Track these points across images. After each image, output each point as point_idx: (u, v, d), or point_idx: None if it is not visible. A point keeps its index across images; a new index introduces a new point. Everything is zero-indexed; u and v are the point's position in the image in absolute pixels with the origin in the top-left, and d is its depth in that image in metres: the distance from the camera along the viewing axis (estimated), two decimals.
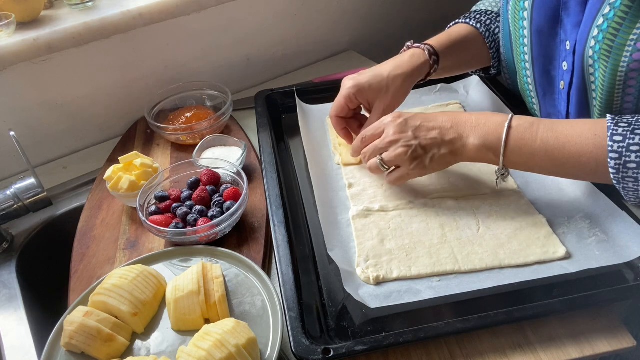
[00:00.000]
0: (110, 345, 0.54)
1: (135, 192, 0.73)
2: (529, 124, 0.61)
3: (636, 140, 0.54)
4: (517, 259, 0.61)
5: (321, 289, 0.61)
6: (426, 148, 0.64)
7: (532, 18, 0.70)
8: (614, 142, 0.55)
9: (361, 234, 0.65)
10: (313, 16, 1.14)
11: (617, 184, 0.57)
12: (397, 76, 0.73)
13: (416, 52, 0.75)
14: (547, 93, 0.75)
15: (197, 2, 0.93)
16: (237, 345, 0.50)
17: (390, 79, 0.73)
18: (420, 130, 0.65)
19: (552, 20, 0.68)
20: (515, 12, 0.73)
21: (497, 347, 0.55)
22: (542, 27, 0.70)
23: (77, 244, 0.73)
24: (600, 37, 0.58)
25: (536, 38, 0.71)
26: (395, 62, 0.75)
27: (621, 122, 0.56)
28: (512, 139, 0.61)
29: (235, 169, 0.75)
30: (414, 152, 0.64)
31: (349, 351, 0.52)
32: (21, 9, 0.82)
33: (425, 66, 0.75)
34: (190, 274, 0.59)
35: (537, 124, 0.61)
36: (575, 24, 0.64)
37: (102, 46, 0.89)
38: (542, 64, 0.73)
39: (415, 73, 0.74)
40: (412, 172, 0.66)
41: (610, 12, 0.57)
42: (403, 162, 0.65)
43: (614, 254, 0.60)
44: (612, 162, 0.55)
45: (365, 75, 0.74)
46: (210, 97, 0.99)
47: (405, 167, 0.66)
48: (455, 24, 0.84)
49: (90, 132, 0.97)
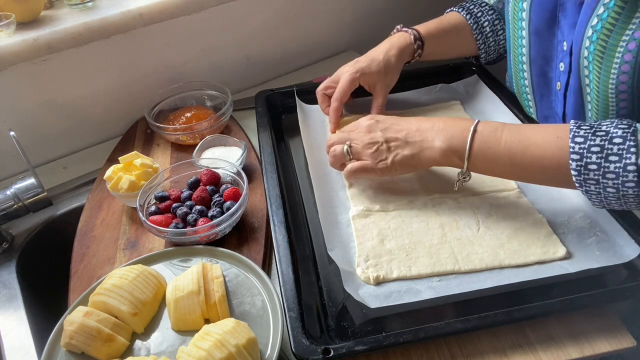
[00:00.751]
0: (110, 345, 0.54)
1: (135, 192, 0.73)
2: (494, 128, 0.61)
3: (597, 142, 0.54)
4: (517, 259, 0.61)
5: (321, 289, 0.61)
6: (390, 147, 0.66)
7: (530, 19, 0.70)
8: (575, 144, 0.55)
9: (361, 234, 0.65)
10: (313, 16, 1.14)
11: (580, 187, 0.56)
12: (390, 57, 0.80)
13: (403, 35, 0.82)
14: (544, 95, 0.76)
15: (197, 2, 0.93)
16: (237, 345, 0.50)
17: (386, 61, 0.80)
18: (388, 130, 0.67)
19: (550, 20, 0.68)
20: (514, 13, 0.73)
21: (497, 347, 0.55)
22: (539, 27, 0.70)
23: (77, 244, 0.73)
24: (595, 37, 0.59)
25: (534, 39, 0.72)
26: (386, 45, 0.82)
27: (584, 125, 0.56)
28: (476, 142, 0.61)
29: (235, 169, 0.75)
30: (379, 149, 0.66)
31: (349, 351, 0.52)
32: (21, 9, 0.82)
33: (410, 48, 0.82)
34: (190, 274, 0.59)
35: (501, 128, 0.61)
36: (572, 25, 0.64)
37: (102, 46, 0.89)
38: (540, 65, 0.73)
39: (404, 53, 0.81)
40: (375, 169, 0.66)
41: (604, 13, 0.57)
42: (368, 155, 0.67)
43: (614, 254, 0.60)
44: (573, 164, 0.55)
45: (363, 60, 0.80)
46: (210, 97, 0.99)
47: (370, 161, 0.67)
48: (450, 11, 0.88)
49: (90, 132, 0.97)
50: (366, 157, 0.67)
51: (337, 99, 0.79)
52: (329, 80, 0.82)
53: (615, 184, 0.54)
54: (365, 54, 0.82)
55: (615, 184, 0.54)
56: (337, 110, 0.80)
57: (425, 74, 0.95)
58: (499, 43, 0.86)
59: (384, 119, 0.69)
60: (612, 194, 0.54)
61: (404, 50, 0.81)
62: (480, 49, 0.87)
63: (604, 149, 0.53)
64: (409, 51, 0.82)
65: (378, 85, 0.80)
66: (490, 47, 0.87)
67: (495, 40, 0.86)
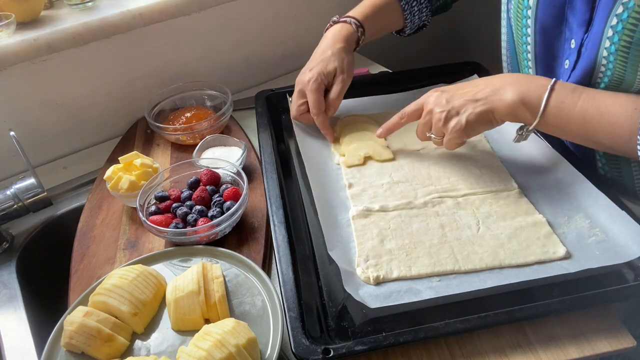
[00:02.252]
0: (110, 345, 0.54)
1: (135, 192, 0.73)
2: (571, 89, 0.61)
3: None
4: (517, 259, 0.61)
5: (321, 289, 0.61)
6: (459, 109, 0.65)
7: (537, 16, 0.70)
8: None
9: (361, 234, 0.65)
10: (313, 16, 1.14)
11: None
12: (339, 49, 0.79)
13: (344, 26, 0.81)
14: None
15: (197, 2, 0.93)
16: (237, 345, 0.50)
17: (336, 54, 0.78)
18: (454, 96, 0.67)
19: (558, 18, 0.68)
20: (519, 12, 0.73)
21: (497, 347, 0.55)
22: (547, 25, 0.69)
23: (77, 244, 0.73)
24: (616, 38, 0.58)
25: (540, 37, 0.71)
26: (329, 40, 0.80)
27: None
28: (552, 100, 0.61)
29: (235, 169, 0.75)
30: (448, 114, 0.65)
31: (349, 351, 0.51)
32: (21, 9, 0.82)
33: (354, 37, 0.81)
34: (190, 274, 0.59)
35: (579, 91, 0.61)
36: (581, 23, 0.64)
37: (102, 46, 0.89)
38: (546, 63, 0.73)
39: (351, 43, 0.81)
40: (454, 136, 0.66)
41: (624, 13, 0.56)
42: (442, 129, 0.67)
43: (614, 254, 0.60)
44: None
45: (315, 63, 0.79)
46: (210, 97, 0.99)
47: (447, 133, 0.67)
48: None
49: (90, 132, 0.97)
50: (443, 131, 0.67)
51: (317, 113, 0.78)
52: (296, 98, 0.80)
53: None
54: (312, 56, 0.81)
55: None
56: (325, 122, 0.79)
57: (425, 74, 0.95)
58: (422, 18, 0.89)
59: (450, 87, 0.69)
60: None
61: (349, 40, 0.81)
62: (407, 24, 0.88)
63: None
64: (353, 39, 0.82)
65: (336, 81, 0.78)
66: (414, 23, 0.89)
67: (419, 17, 0.88)
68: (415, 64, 0.87)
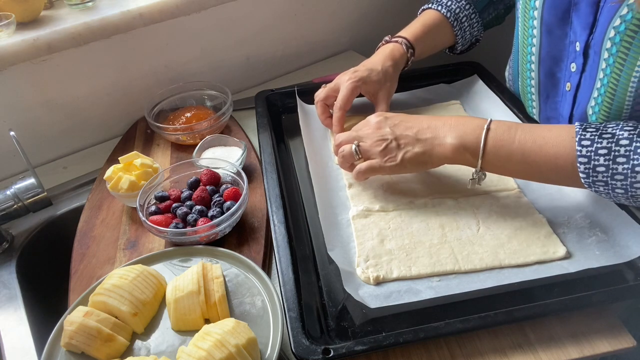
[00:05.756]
0: (110, 345, 0.54)
1: (135, 192, 0.73)
2: (507, 126, 0.61)
3: (604, 144, 0.54)
4: (517, 259, 0.61)
5: (321, 289, 0.61)
6: (400, 144, 0.65)
7: (543, 18, 0.70)
8: (582, 147, 0.55)
9: (361, 234, 0.65)
10: (313, 16, 1.14)
11: (589, 188, 0.57)
12: (389, 67, 0.81)
13: (395, 46, 0.84)
14: (549, 95, 0.75)
15: (197, 2, 0.93)
16: (237, 345, 0.50)
17: (385, 71, 0.81)
18: (397, 127, 0.66)
19: (562, 20, 0.68)
20: (526, 12, 0.73)
21: (497, 347, 0.55)
22: (552, 27, 0.69)
23: (77, 244, 0.73)
24: (618, 39, 0.58)
25: (545, 38, 0.71)
26: (380, 57, 0.83)
27: (589, 127, 0.57)
28: (490, 140, 0.61)
29: (235, 169, 0.75)
30: (388, 146, 0.65)
31: (349, 351, 0.52)
32: (21, 9, 0.82)
33: (404, 57, 0.84)
34: (190, 274, 0.59)
35: (515, 127, 0.61)
36: (585, 26, 0.64)
37: (102, 46, 0.89)
38: (549, 65, 0.73)
39: (399, 63, 0.83)
40: (384, 166, 0.66)
41: (628, 14, 0.56)
42: (377, 154, 0.66)
43: (614, 254, 0.60)
44: (581, 167, 0.55)
45: (362, 69, 0.80)
46: (210, 97, 0.99)
47: (378, 159, 0.66)
48: (424, 9, 0.90)
49: (90, 132, 0.97)
50: (375, 156, 0.66)
51: (340, 107, 0.79)
52: (328, 89, 0.82)
53: (623, 185, 0.54)
54: (362, 63, 0.83)
55: (623, 185, 0.54)
56: (341, 120, 0.79)
57: (425, 74, 0.95)
58: (473, 34, 0.90)
59: (393, 115, 0.68)
60: (621, 194, 0.55)
61: (399, 61, 0.83)
62: (458, 42, 0.89)
63: (611, 151, 0.54)
64: (403, 60, 0.84)
65: (380, 93, 0.80)
66: (466, 39, 0.89)
67: (470, 32, 0.89)
68: (415, 64, 0.87)
